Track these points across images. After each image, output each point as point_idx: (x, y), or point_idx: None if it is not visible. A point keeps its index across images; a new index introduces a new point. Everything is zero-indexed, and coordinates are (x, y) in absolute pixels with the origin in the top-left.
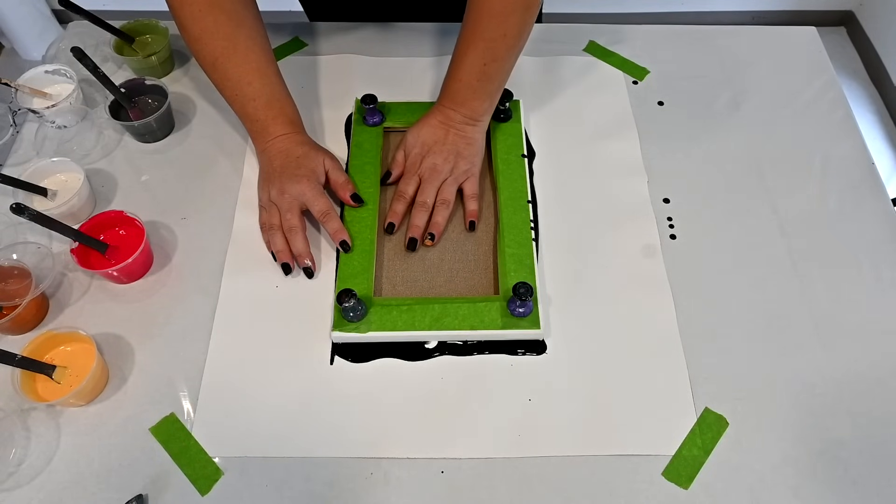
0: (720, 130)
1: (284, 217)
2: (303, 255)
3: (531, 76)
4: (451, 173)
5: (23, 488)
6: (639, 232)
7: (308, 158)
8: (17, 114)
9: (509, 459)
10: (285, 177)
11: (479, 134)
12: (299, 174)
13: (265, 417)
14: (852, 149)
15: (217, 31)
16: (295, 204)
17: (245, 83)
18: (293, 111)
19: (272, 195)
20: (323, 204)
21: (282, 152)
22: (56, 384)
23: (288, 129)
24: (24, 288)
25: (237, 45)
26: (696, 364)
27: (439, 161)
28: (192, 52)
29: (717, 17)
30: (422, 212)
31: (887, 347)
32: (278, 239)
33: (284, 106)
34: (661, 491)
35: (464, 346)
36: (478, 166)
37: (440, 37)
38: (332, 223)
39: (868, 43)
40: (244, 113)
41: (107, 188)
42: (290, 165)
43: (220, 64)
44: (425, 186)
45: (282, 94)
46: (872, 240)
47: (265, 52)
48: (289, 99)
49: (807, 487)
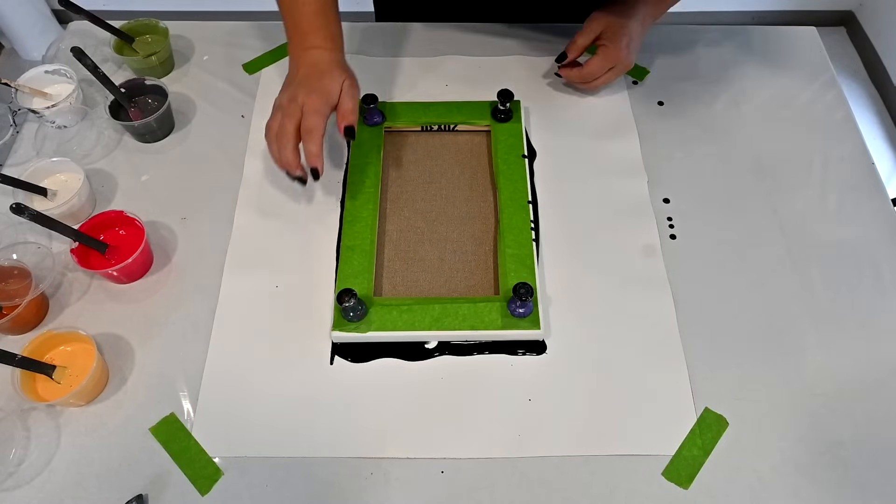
0: (720, 130)
1: (282, 123)
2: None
3: (531, 76)
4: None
5: (23, 488)
6: (639, 232)
7: (329, 76)
8: (17, 114)
9: (509, 459)
10: (301, 86)
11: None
12: (313, 87)
13: (265, 417)
14: (852, 149)
15: None
16: (298, 114)
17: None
18: (338, 30)
19: (282, 102)
20: (313, 122)
21: (309, 64)
22: (56, 384)
23: (326, 43)
24: (24, 288)
25: None
26: (696, 364)
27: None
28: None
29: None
30: None
31: (887, 347)
32: (273, 147)
33: (331, 22)
34: (661, 491)
35: (464, 346)
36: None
37: (440, 37)
38: (311, 144)
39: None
40: (291, 20)
41: (107, 188)
42: (311, 77)
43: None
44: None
45: (332, 12)
46: (872, 240)
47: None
48: (338, 20)
49: (807, 487)
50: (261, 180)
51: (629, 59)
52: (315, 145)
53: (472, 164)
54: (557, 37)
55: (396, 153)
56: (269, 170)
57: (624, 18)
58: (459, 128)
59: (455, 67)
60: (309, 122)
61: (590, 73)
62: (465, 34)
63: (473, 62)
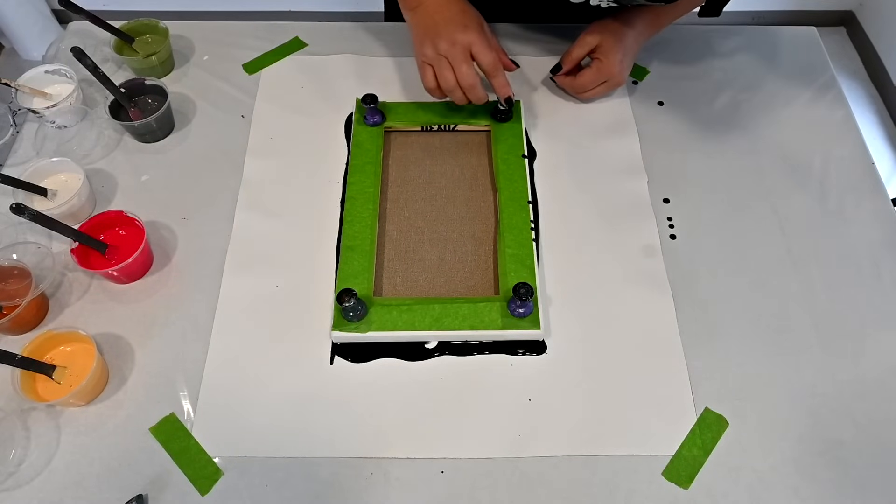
0: (720, 130)
1: (460, 70)
2: (481, 101)
3: (531, 76)
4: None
5: (23, 488)
6: (639, 232)
7: (473, 12)
8: (17, 114)
9: (509, 459)
10: (453, 26)
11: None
12: (468, 23)
13: (265, 417)
14: (852, 149)
15: None
16: (468, 54)
17: None
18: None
19: (441, 48)
20: (492, 57)
21: (443, 6)
22: (56, 384)
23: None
24: (24, 288)
25: None
26: (696, 364)
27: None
28: None
29: None
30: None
31: (887, 347)
32: (458, 95)
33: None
34: (661, 491)
35: (464, 346)
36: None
37: None
38: (500, 77)
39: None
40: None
41: (107, 188)
42: (456, 15)
43: None
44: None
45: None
46: (872, 240)
47: None
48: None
49: (807, 487)
50: (261, 180)
51: (622, 76)
52: (503, 77)
53: (473, 164)
54: (557, 37)
55: (396, 153)
56: (269, 170)
57: (620, 34)
58: (459, 128)
59: None
60: (489, 58)
61: (581, 85)
62: None
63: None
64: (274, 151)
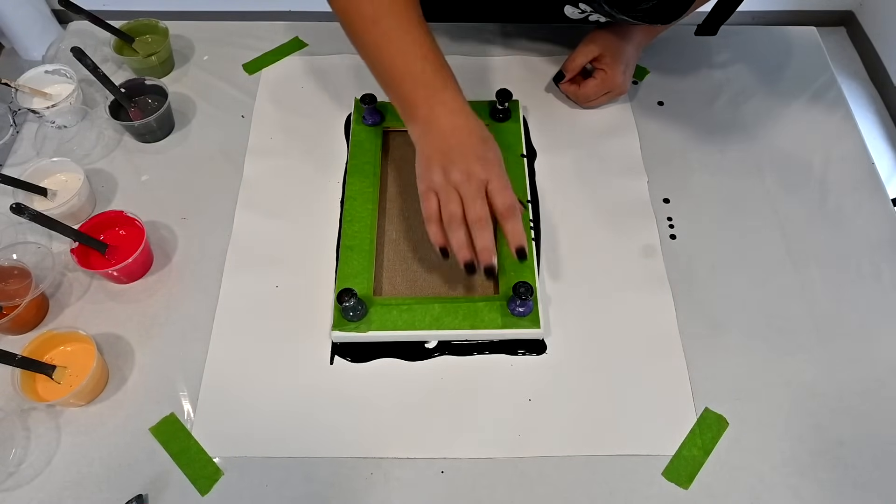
0: (720, 130)
1: (472, 207)
2: (489, 251)
3: (531, 76)
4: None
5: (23, 488)
6: (639, 232)
7: (494, 143)
8: (17, 114)
9: (509, 459)
10: (472, 156)
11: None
12: (490, 157)
13: (265, 417)
14: (852, 149)
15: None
16: (483, 190)
17: (412, 41)
18: (458, 84)
19: (453, 178)
20: (511, 200)
21: (460, 128)
22: (56, 384)
23: (461, 100)
24: (24, 288)
25: (407, 3)
26: (696, 364)
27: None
28: (351, 9)
29: None
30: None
31: (887, 347)
32: (461, 233)
33: (453, 78)
34: (661, 491)
35: (464, 346)
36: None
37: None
38: (515, 222)
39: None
40: (408, 76)
41: (107, 188)
42: (475, 144)
43: (385, 20)
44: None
45: (449, 67)
46: (872, 240)
47: (423, 17)
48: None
49: (807, 487)
50: (261, 180)
51: (625, 85)
52: (519, 223)
53: None
54: (557, 37)
55: (396, 153)
56: (269, 170)
57: (622, 44)
58: None
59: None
60: (506, 199)
61: (585, 95)
62: (465, 34)
63: (473, 62)
64: (274, 151)
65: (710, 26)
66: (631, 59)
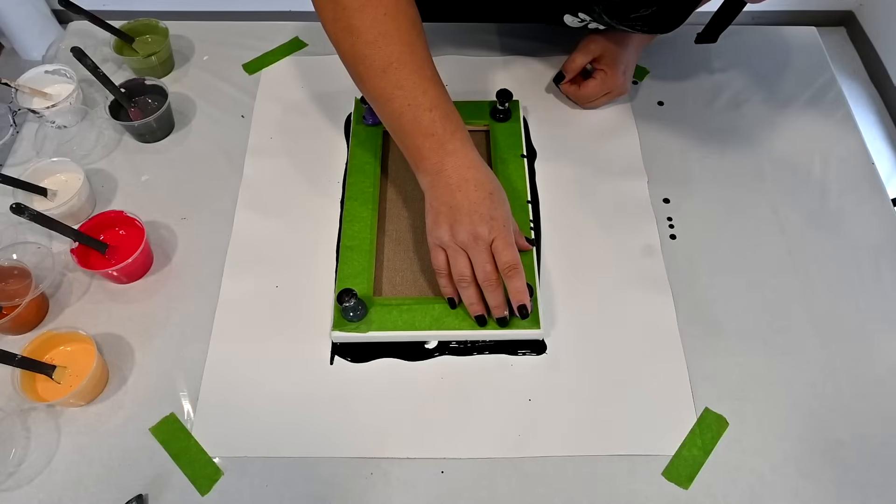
0: (720, 130)
1: (480, 269)
2: (501, 308)
3: (531, 76)
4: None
5: (23, 488)
6: (639, 232)
7: (503, 200)
8: (17, 114)
9: (509, 459)
10: (477, 216)
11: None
12: (497, 216)
13: (265, 417)
14: (852, 149)
15: (398, 36)
16: (489, 251)
17: (421, 91)
18: (468, 134)
19: (459, 237)
20: (514, 258)
21: (468, 181)
22: (56, 384)
23: (470, 150)
24: (24, 288)
25: (415, 51)
26: (696, 364)
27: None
28: (359, 57)
29: None
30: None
31: (887, 347)
32: (471, 291)
33: (461, 125)
34: (661, 491)
35: (464, 346)
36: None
37: (440, 37)
38: (518, 281)
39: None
40: (416, 127)
41: (107, 188)
42: (483, 202)
43: (394, 70)
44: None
45: (456, 111)
46: (872, 240)
47: (433, 63)
48: (461, 120)
49: (807, 487)
50: (261, 180)
51: (626, 86)
52: (522, 281)
53: None
54: (557, 37)
55: (396, 153)
56: (269, 170)
57: (622, 45)
58: None
59: (455, 67)
60: (509, 259)
61: (585, 95)
62: (465, 34)
63: (473, 62)
64: (274, 151)
65: (710, 34)
66: (631, 59)
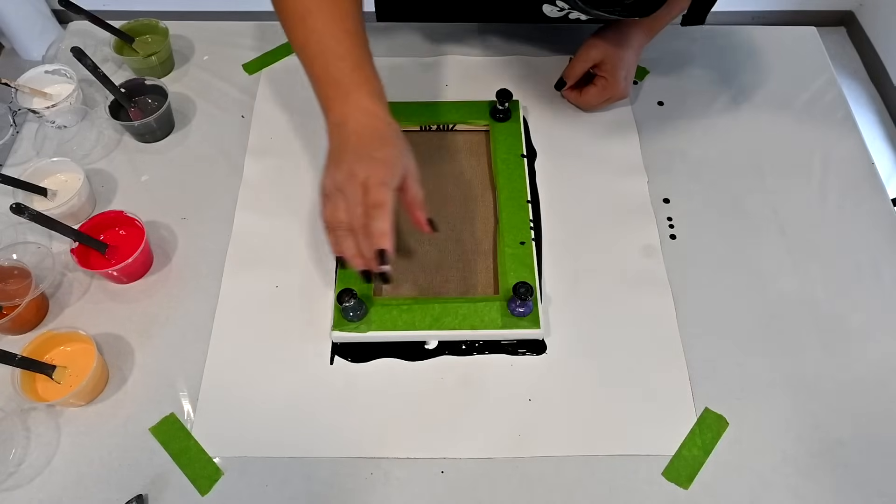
0: (720, 130)
1: (349, 210)
2: (357, 257)
3: (531, 76)
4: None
5: (23, 488)
6: (639, 232)
7: (392, 143)
8: (17, 114)
9: (509, 459)
10: (359, 156)
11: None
12: (377, 156)
13: (265, 417)
14: (852, 149)
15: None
16: (360, 193)
17: (335, 40)
18: (380, 86)
19: (338, 179)
20: (380, 195)
21: (363, 128)
22: (56, 384)
23: (374, 101)
24: (24, 288)
25: (337, 2)
26: (696, 364)
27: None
28: (282, 4)
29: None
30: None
31: (887, 347)
32: (348, 242)
33: (372, 76)
34: (661, 491)
35: (464, 346)
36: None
37: (439, 37)
38: (379, 220)
39: (868, 43)
40: (325, 74)
41: (107, 188)
42: (371, 144)
43: (312, 18)
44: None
45: (371, 63)
46: (872, 240)
47: (359, 17)
48: (376, 73)
49: (807, 487)
50: (261, 180)
51: (626, 91)
52: (384, 222)
53: (472, 163)
54: (557, 37)
55: None
56: (269, 170)
57: (621, 50)
58: (458, 127)
59: (455, 67)
60: (377, 196)
61: (587, 102)
62: (465, 34)
63: (473, 62)
64: (274, 151)
65: (697, 15)
66: (631, 63)
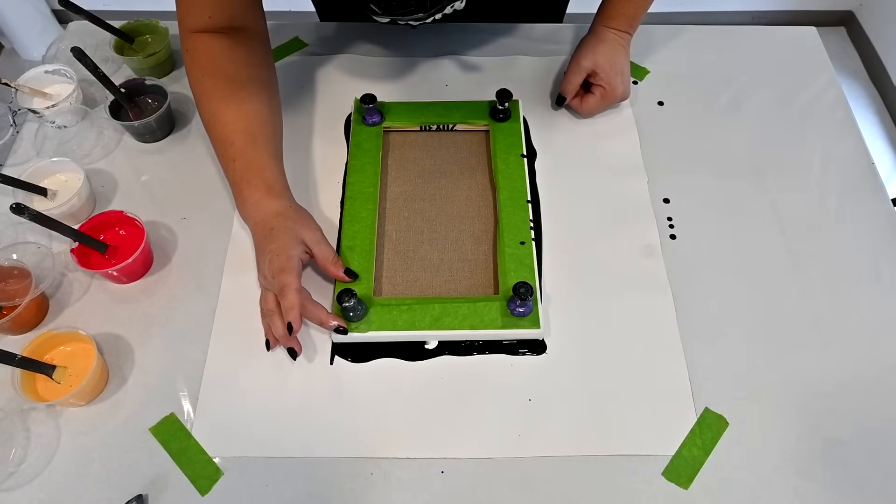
0: (720, 130)
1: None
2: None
3: (531, 76)
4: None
5: (23, 488)
6: (639, 232)
7: (282, 232)
8: (17, 114)
9: (509, 459)
10: (261, 253)
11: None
12: (272, 249)
13: (265, 417)
14: (852, 149)
15: (214, 93)
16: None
17: (228, 143)
18: (274, 175)
19: (259, 276)
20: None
21: (256, 225)
22: (56, 384)
23: (261, 193)
24: (24, 288)
25: (229, 106)
26: (696, 364)
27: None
28: (199, 112)
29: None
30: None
31: (887, 347)
32: (277, 324)
33: (264, 169)
34: (661, 491)
35: (464, 346)
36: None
37: (440, 37)
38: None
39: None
40: (231, 179)
41: (107, 188)
42: (265, 240)
43: (212, 126)
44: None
45: (264, 157)
46: (872, 240)
47: (258, 113)
48: (273, 162)
49: (807, 487)
50: None
51: (626, 92)
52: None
53: (472, 163)
54: (557, 37)
55: (396, 153)
56: None
57: (612, 54)
58: (458, 127)
59: (455, 67)
60: (280, 281)
61: (588, 110)
62: (465, 34)
63: (473, 62)
64: None
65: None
66: (623, 63)
